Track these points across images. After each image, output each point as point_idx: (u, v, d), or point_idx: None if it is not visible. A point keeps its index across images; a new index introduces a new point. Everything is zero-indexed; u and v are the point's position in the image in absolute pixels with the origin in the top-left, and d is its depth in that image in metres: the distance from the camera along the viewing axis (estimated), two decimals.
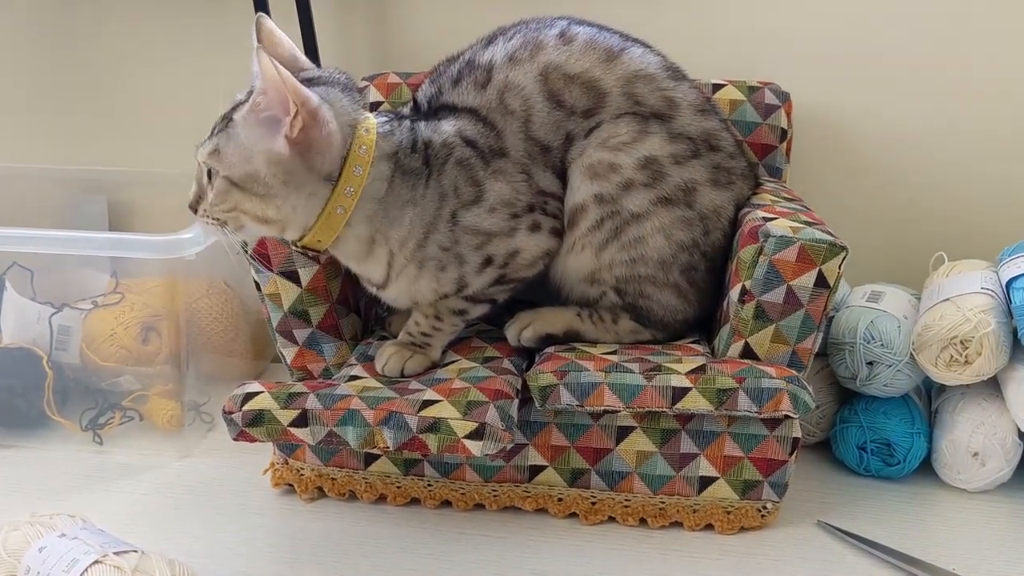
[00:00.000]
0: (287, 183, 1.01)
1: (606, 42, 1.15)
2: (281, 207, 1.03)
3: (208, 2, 1.54)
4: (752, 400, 1.03)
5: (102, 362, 1.32)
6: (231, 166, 1.02)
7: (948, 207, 1.44)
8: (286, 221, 1.04)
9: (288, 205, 1.03)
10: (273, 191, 1.02)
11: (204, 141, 1.04)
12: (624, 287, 1.14)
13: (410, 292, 1.11)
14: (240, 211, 1.03)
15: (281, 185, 1.01)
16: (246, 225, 1.04)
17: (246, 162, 1.01)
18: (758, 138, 1.33)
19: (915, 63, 1.40)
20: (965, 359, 1.17)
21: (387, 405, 1.01)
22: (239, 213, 1.03)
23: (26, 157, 1.65)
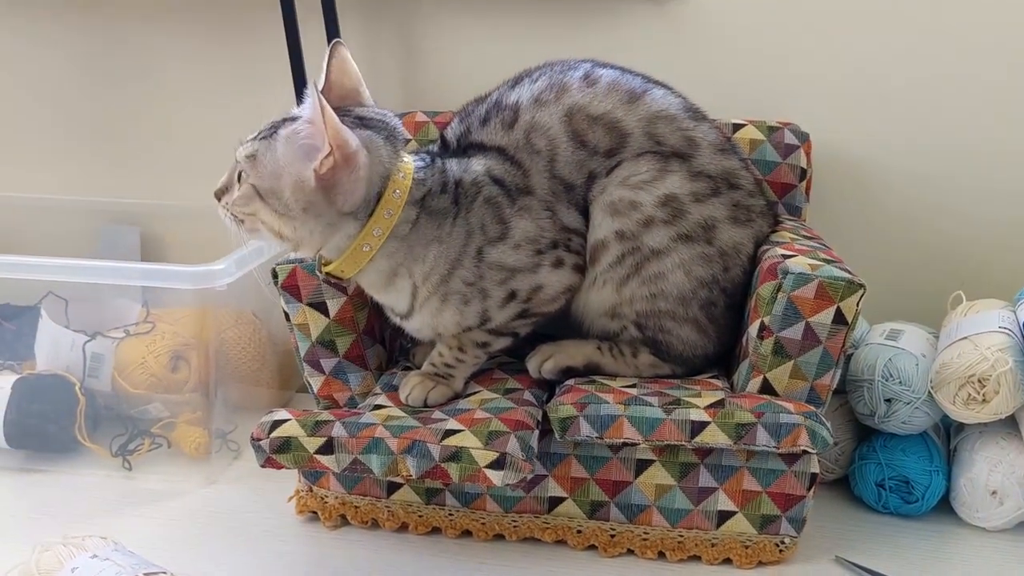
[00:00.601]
0: (307, 210, 1.05)
1: (628, 84, 1.17)
2: (297, 229, 1.06)
3: (243, 39, 1.59)
4: (770, 435, 1.04)
5: (133, 389, 1.34)
6: (261, 176, 1.06)
7: (966, 247, 1.45)
8: (299, 242, 1.08)
9: (304, 229, 1.06)
10: (292, 213, 1.05)
11: (248, 140, 1.08)
12: (644, 322, 1.16)
13: (433, 324, 1.14)
14: (258, 219, 1.07)
15: (300, 210, 1.05)
16: (261, 231, 1.08)
17: (275, 178, 1.05)
18: (778, 177, 1.35)
19: (933, 105, 1.42)
20: (983, 397, 1.17)
21: (411, 434, 1.04)
22: (257, 220, 1.07)
23: (62, 189, 1.70)
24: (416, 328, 1.16)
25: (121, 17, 1.61)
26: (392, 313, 1.16)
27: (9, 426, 1.31)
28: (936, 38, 1.40)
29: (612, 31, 1.46)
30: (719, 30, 1.44)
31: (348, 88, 1.13)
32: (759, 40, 1.44)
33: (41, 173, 1.71)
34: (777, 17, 1.43)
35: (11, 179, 1.71)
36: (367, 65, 1.51)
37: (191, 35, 1.60)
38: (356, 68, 1.14)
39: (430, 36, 1.53)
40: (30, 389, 1.32)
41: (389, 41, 1.54)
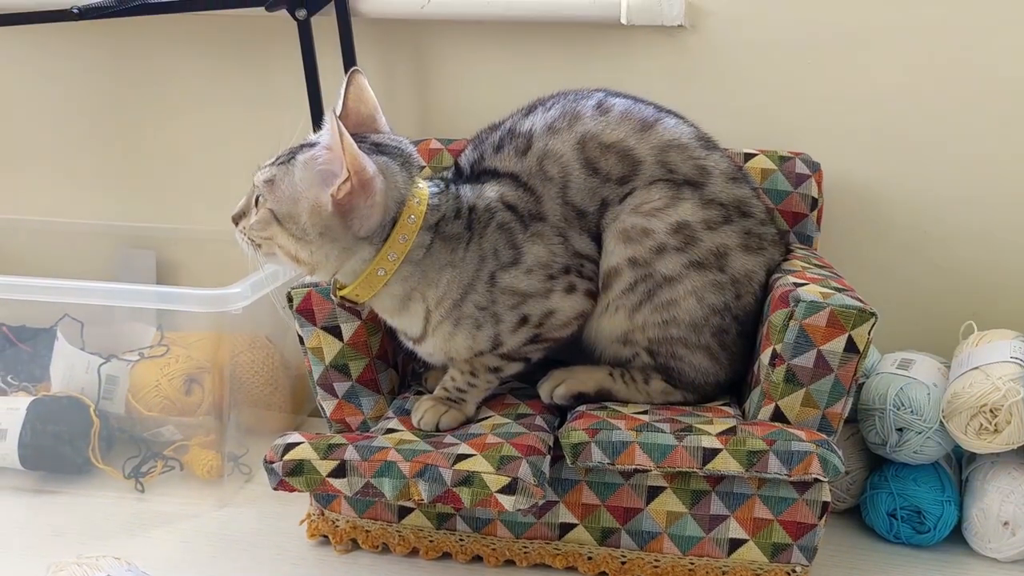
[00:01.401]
0: (323, 234, 1.06)
1: (641, 113, 1.19)
2: (314, 253, 1.07)
3: (260, 66, 1.61)
4: (782, 463, 1.05)
5: (146, 412, 1.35)
6: (279, 201, 1.07)
7: (977, 277, 1.45)
8: (315, 265, 1.09)
9: (320, 253, 1.08)
10: (309, 237, 1.07)
11: (266, 165, 1.10)
12: (656, 348, 1.17)
13: (446, 348, 1.14)
14: (275, 243, 1.08)
15: (317, 234, 1.06)
16: (277, 255, 1.10)
17: (292, 202, 1.06)
18: (789, 206, 1.36)
19: (944, 135, 1.43)
20: (995, 427, 1.17)
21: (423, 458, 1.04)
22: (274, 244, 1.09)
23: (79, 213, 1.72)
24: (429, 352, 1.16)
25: (139, 43, 1.63)
26: (405, 337, 1.17)
27: (24, 447, 1.31)
28: (946, 69, 1.41)
29: (625, 61, 1.48)
30: (731, 60, 1.46)
31: (365, 115, 1.15)
32: (770, 70, 1.45)
33: (58, 197, 1.73)
34: (788, 47, 1.44)
35: (29, 202, 1.73)
36: (383, 92, 1.53)
37: (208, 62, 1.62)
38: (373, 95, 1.15)
39: (445, 64, 1.55)
40: (45, 411, 1.33)
41: (405, 69, 1.56)
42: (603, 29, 1.46)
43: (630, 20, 1.43)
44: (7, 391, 1.41)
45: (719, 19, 1.44)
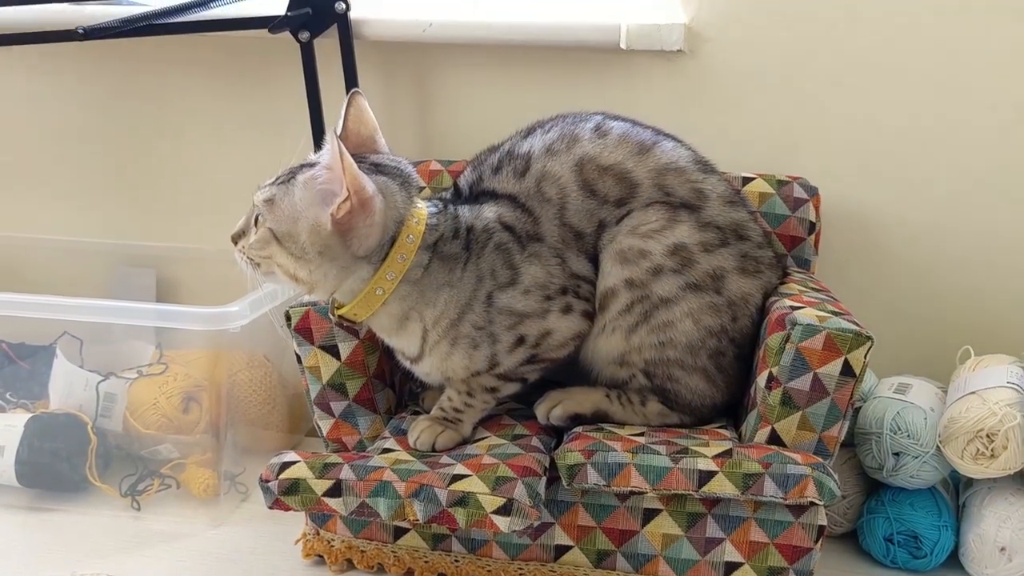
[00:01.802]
0: (322, 253, 1.07)
1: (639, 136, 1.20)
2: (313, 272, 1.08)
3: (261, 85, 1.62)
4: (778, 486, 1.04)
5: (144, 429, 1.35)
6: (278, 220, 1.08)
7: (974, 301, 1.46)
8: (314, 284, 1.10)
9: (319, 272, 1.08)
10: (308, 256, 1.07)
11: (266, 184, 1.11)
12: (653, 370, 1.17)
13: (442, 368, 1.15)
14: (274, 262, 1.09)
15: (316, 254, 1.07)
16: (276, 274, 1.11)
17: (292, 222, 1.07)
18: (787, 230, 1.37)
19: (941, 159, 1.44)
20: (991, 452, 1.17)
21: (418, 478, 1.04)
22: (273, 263, 1.09)
23: (80, 231, 1.72)
24: (426, 372, 1.17)
25: (143, 63, 1.65)
26: (402, 357, 1.18)
27: (21, 464, 1.32)
28: (945, 93, 1.42)
29: (624, 85, 1.49)
30: (729, 85, 1.47)
31: (364, 136, 1.16)
32: (769, 95, 1.46)
33: (59, 214, 1.74)
34: (786, 73, 1.45)
35: (29, 220, 1.74)
36: (384, 114, 1.54)
37: (211, 82, 1.64)
38: (373, 117, 1.17)
39: (446, 87, 1.56)
40: (43, 428, 1.33)
41: (406, 91, 1.57)
42: (603, 54, 1.48)
43: (629, 45, 1.44)
44: (5, 408, 1.41)
45: (718, 44, 1.45)
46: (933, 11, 1.40)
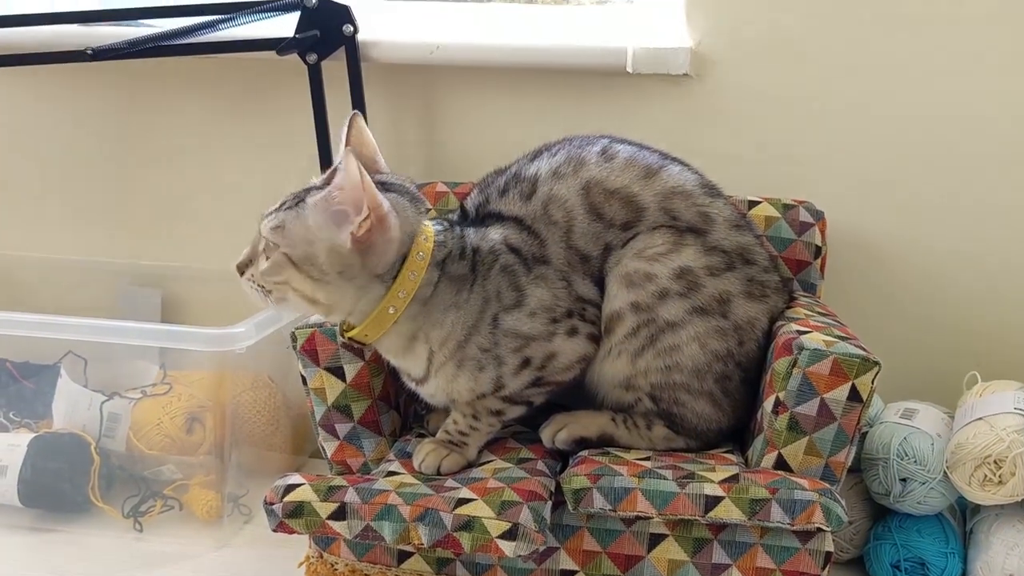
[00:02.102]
0: (342, 274, 1.07)
1: (645, 160, 1.20)
2: (331, 294, 1.08)
3: (269, 107, 1.62)
4: (785, 511, 1.04)
5: (147, 450, 1.35)
6: (293, 245, 1.08)
7: (981, 326, 1.45)
8: (332, 306, 1.10)
9: (338, 293, 1.08)
10: (327, 278, 1.07)
11: (271, 213, 1.10)
12: (659, 394, 1.17)
13: (448, 389, 1.14)
14: (290, 287, 1.09)
15: (336, 274, 1.07)
16: (289, 299, 1.10)
17: (308, 244, 1.07)
18: (793, 254, 1.36)
19: (948, 185, 1.44)
20: (999, 479, 1.17)
21: (423, 502, 1.03)
22: (288, 288, 1.09)
23: (86, 250, 1.73)
24: (431, 393, 1.16)
25: (150, 83, 1.65)
26: (408, 378, 1.17)
27: (24, 484, 1.31)
28: (953, 119, 1.42)
29: (630, 108, 1.49)
30: (735, 108, 1.47)
31: (366, 157, 1.16)
32: (775, 119, 1.46)
33: (65, 233, 1.74)
34: (793, 96, 1.45)
35: (36, 239, 1.74)
36: (391, 136, 1.55)
37: (219, 103, 1.64)
38: (372, 138, 1.17)
39: (453, 109, 1.56)
40: (46, 448, 1.33)
41: (413, 113, 1.58)
42: (609, 77, 1.48)
43: (636, 68, 1.44)
44: (8, 428, 1.41)
45: (724, 68, 1.46)
46: (942, 35, 1.40)
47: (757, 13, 1.44)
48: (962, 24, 1.40)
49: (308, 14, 1.46)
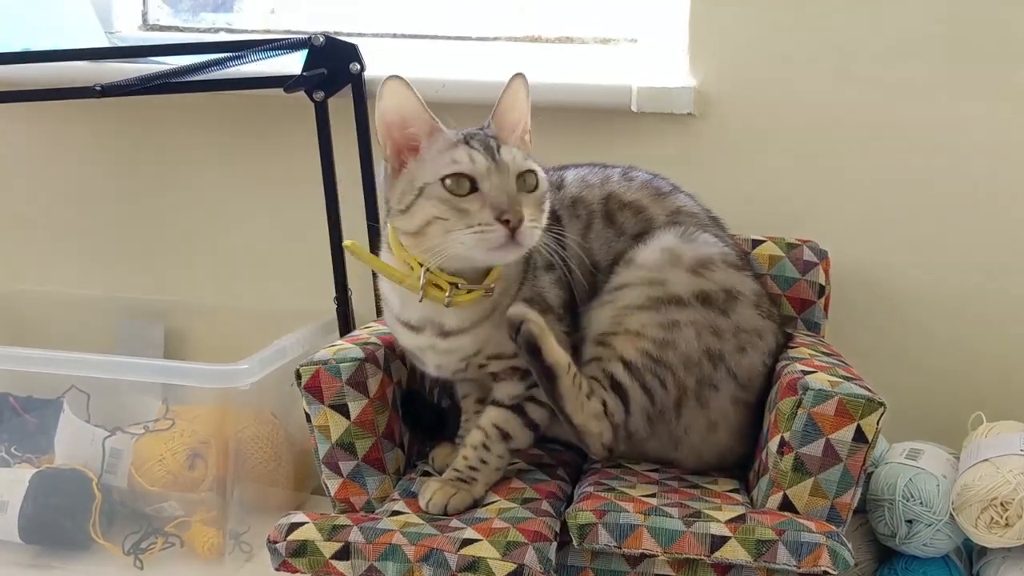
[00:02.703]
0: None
1: (658, 184, 1.27)
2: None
3: (275, 143, 1.63)
4: (791, 553, 1.03)
5: (149, 486, 1.34)
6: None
7: (986, 367, 1.45)
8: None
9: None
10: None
11: (499, 148, 1.07)
12: (635, 362, 1.15)
13: (490, 339, 1.14)
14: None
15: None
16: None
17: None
18: (797, 293, 1.37)
19: (952, 225, 1.45)
20: (1006, 521, 1.16)
21: (428, 542, 1.03)
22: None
23: (89, 284, 1.73)
24: (462, 346, 1.15)
25: (157, 119, 1.67)
26: (439, 335, 1.15)
27: (25, 519, 1.31)
28: (956, 157, 1.43)
29: (634, 145, 1.50)
30: (739, 148, 1.48)
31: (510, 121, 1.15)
32: (778, 158, 1.47)
33: (68, 268, 1.74)
34: (796, 136, 1.46)
35: (40, 273, 1.75)
36: None
37: (225, 139, 1.65)
38: (526, 104, 1.15)
39: None
40: (48, 483, 1.32)
41: None
42: (614, 115, 1.49)
43: (640, 107, 1.46)
44: (10, 463, 1.40)
45: (728, 107, 1.47)
46: (945, 76, 1.42)
47: (760, 54, 1.46)
48: (965, 61, 1.41)
49: (316, 52, 1.48)
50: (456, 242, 1.03)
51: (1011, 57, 1.40)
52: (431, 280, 1.09)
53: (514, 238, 1.03)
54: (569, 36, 1.63)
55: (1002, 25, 1.40)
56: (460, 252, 1.04)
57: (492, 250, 1.04)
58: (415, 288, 1.09)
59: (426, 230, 1.06)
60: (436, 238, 1.05)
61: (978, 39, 1.40)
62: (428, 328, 1.15)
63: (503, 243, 1.03)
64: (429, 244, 1.05)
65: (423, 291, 1.09)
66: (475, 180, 1.05)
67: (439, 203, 1.05)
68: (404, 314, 1.16)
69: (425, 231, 1.06)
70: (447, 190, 1.05)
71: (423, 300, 1.10)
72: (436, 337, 1.15)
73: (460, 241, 1.03)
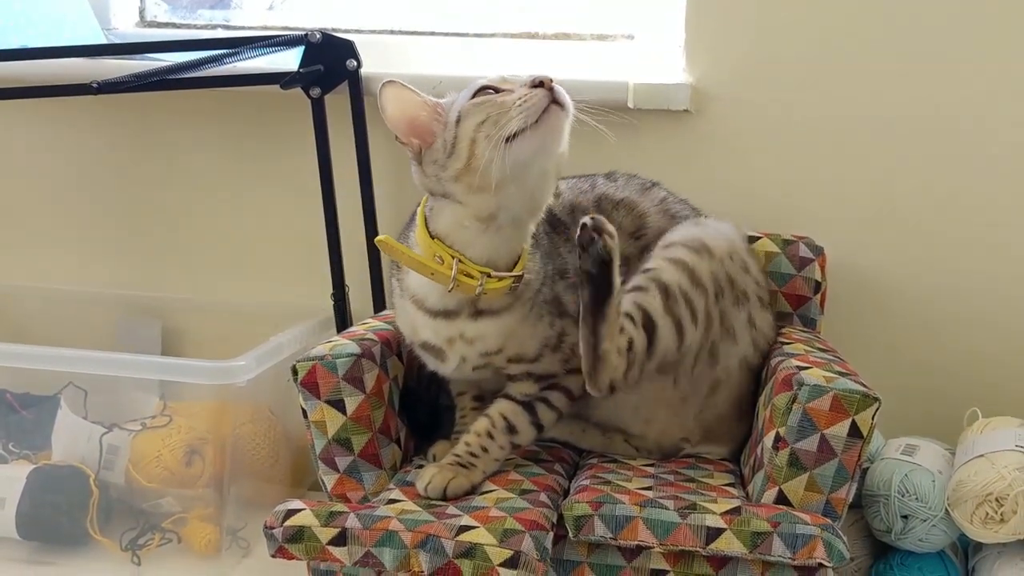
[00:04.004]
0: None
1: (640, 180, 1.33)
2: None
3: (271, 140, 1.64)
4: (786, 545, 1.03)
5: (147, 483, 1.34)
6: None
7: (981, 363, 1.46)
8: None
9: None
10: None
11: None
12: (676, 289, 1.18)
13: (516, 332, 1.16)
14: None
15: None
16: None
17: None
18: (792, 289, 1.37)
19: (947, 220, 1.45)
20: (1001, 517, 1.16)
21: (425, 528, 1.03)
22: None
23: (86, 281, 1.73)
24: (490, 333, 1.16)
25: (153, 116, 1.67)
26: (471, 315, 1.16)
27: (22, 516, 1.30)
28: (952, 155, 1.43)
29: (630, 142, 1.50)
30: (736, 144, 1.48)
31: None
32: (775, 154, 1.48)
33: (66, 264, 1.74)
34: (793, 132, 1.47)
35: (37, 269, 1.75)
36: (393, 169, 1.56)
37: (221, 136, 1.66)
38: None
39: None
40: (45, 480, 1.32)
41: None
42: (610, 111, 1.49)
43: (637, 104, 1.46)
44: (7, 459, 1.40)
45: (724, 104, 1.48)
46: (943, 72, 1.42)
47: (757, 51, 1.46)
48: (965, 57, 1.41)
49: (312, 49, 1.48)
50: (505, 133, 1.03)
51: (1011, 52, 1.40)
52: (462, 270, 1.10)
53: (555, 98, 1.05)
54: (566, 32, 1.63)
55: (1002, 21, 1.40)
56: (516, 152, 1.04)
57: (542, 120, 1.04)
58: (446, 280, 1.10)
59: (475, 150, 1.06)
60: (487, 150, 1.04)
61: (978, 35, 1.41)
62: (464, 310, 1.15)
63: (547, 104, 1.04)
64: (481, 163, 1.05)
65: (454, 282, 1.10)
66: (497, 87, 1.09)
67: (477, 109, 1.07)
68: (440, 301, 1.15)
69: (474, 152, 1.06)
70: (480, 97, 1.08)
71: (452, 291, 1.11)
72: (468, 319, 1.15)
73: (509, 130, 1.03)
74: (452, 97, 1.13)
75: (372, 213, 1.51)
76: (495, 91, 1.09)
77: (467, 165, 1.07)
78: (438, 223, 1.12)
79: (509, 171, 1.04)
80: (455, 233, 1.11)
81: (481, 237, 1.11)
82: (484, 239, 1.11)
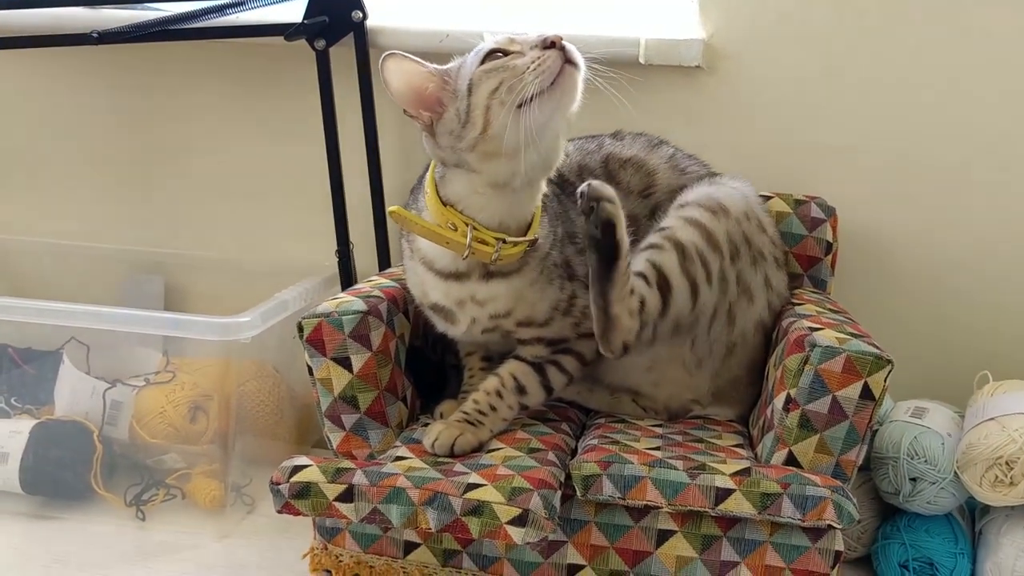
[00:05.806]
0: None
1: (645, 137, 1.32)
2: None
3: (275, 93, 1.61)
4: (796, 507, 1.03)
5: (150, 439, 1.34)
6: None
7: (993, 326, 1.45)
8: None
9: None
10: None
11: None
12: (692, 248, 1.17)
13: (525, 296, 1.15)
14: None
15: None
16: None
17: None
18: (803, 250, 1.36)
19: (960, 182, 1.43)
20: (1010, 480, 1.16)
21: (432, 485, 1.03)
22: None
23: (89, 236, 1.71)
24: (501, 294, 1.15)
25: (156, 68, 1.64)
26: (482, 277, 1.15)
27: (26, 472, 1.30)
28: (966, 116, 1.41)
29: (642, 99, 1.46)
30: (747, 102, 1.46)
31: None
32: (787, 114, 1.45)
33: (69, 220, 1.73)
34: (805, 92, 1.44)
35: (40, 224, 1.73)
36: (399, 125, 1.53)
37: (224, 89, 1.63)
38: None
39: None
40: (48, 435, 1.32)
41: None
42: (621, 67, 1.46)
43: (648, 59, 1.44)
44: (10, 414, 1.40)
45: (737, 61, 1.45)
46: (958, 33, 1.39)
47: (770, 7, 1.44)
48: (980, 17, 1.39)
49: (317, 0, 1.45)
50: (521, 99, 1.02)
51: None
52: (477, 237, 1.09)
53: (568, 58, 1.04)
54: None
55: None
56: (532, 117, 1.02)
57: (557, 82, 1.03)
58: (462, 248, 1.09)
59: (490, 118, 1.05)
60: (502, 115, 1.04)
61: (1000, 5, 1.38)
62: (475, 272, 1.14)
63: (561, 65, 1.03)
64: (496, 130, 1.04)
65: (469, 249, 1.09)
66: (506, 49, 1.07)
67: (489, 75, 1.05)
68: (451, 264, 1.14)
69: (490, 120, 1.05)
70: (490, 63, 1.06)
71: (467, 258, 1.10)
72: (478, 281, 1.14)
73: (525, 95, 1.02)
74: (457, 62, 1.10)
75: (377, 169, 1.49)
76: (504, 54, 1.06)
77: (483, 133, 1.05)
78: (450, 190, 1.11)
79: (524, 136, 1.03)
80: (468, 199, 1.10)
81: (494, 202, 1.10)
82: (497, 203, 1.10)
